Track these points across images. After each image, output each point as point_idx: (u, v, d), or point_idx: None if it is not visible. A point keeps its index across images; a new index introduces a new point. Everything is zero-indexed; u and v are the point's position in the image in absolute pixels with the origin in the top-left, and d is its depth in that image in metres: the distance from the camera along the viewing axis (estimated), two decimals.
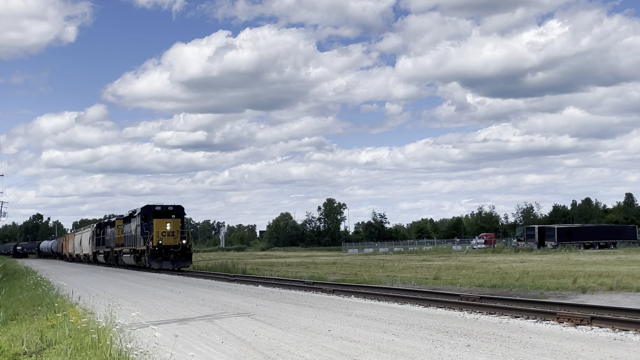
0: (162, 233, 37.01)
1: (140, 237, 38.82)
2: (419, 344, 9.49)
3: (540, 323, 11.79)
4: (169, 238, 37.24)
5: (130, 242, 42.20)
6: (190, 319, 13.32)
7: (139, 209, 39.23)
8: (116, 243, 47.58)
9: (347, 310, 14.11)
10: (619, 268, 29.92)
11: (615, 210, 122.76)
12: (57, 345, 9.09)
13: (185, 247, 37.31)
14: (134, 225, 40.73)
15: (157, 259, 36.62)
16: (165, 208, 38.55)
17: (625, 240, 74.28)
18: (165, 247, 36.85)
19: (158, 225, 37.20)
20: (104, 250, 52.87)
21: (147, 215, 38.06)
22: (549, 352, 8.75)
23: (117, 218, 48.75)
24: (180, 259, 37.16)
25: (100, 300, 16.86)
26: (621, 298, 16.94)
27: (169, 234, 37.30)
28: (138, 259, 39.99)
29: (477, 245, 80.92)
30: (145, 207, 38.76)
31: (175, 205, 39.19)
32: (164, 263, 36.57)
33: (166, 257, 36.74)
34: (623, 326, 10.87)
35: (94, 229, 58.38)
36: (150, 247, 36.73)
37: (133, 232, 41.06)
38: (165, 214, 38.17)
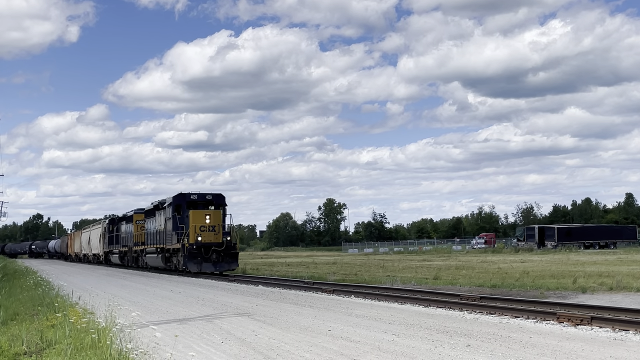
0: (200, 228, 30.59)
1: (171, 234, 32.20)
2: (419, 344, 9.49)
3: (540, 323, 11.79)
4: (209, 234, 30.81)
5: (155, 240, 35.99)
6: (191, 319, 13.32)
7: (170, 199, 32.75)
8: (135, 241, 41.56)
9: (347, 310, 14.11)
10: (619, 268, 29.92)
11: (616, 210, 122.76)
12: (57, 345, 9.09)
13: (230, 245, 30.94)
14: (162, 218, 34.51)
15: (196, 260, 30.17)
16: (202, 197, 32.17)
17: (625, 240, 74.28)
18: (206, 245, 30.41)
19: (195, 218, 30.62)
20: (119, 249, 46.98)
21: (181, 206, 31.79)
22: (549, 352, 8.75)
23: (135, 212, 42.87)
24: (223, 260, 30.68)
25: (100, 300, 16.86)
26: (621, 298, 16.94)
27: (208, 228, 30.80)
28: (168, 260, 33.56)
29: (477, 245, 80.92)
30: (178, 195, 32.27)
31: (215, 194, 32.69)
32: (204, 265, 30.20)
33: (206, 258, 30.27)
34: (623, 326, 10.87)
35: (106, 225, 52.09)
36: (186, 245, 30.27)
37: (160, 227, 34.79)
38: (203, 204, 31.89)
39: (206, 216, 30.85)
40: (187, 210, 31.26)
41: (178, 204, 31.96)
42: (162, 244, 34.17)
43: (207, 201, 32.13)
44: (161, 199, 35.18)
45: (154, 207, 36.82)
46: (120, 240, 47.07)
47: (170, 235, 32.35)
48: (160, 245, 34.51)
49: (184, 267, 30.48)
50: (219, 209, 31.81)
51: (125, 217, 46.15)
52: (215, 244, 30.58)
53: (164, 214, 33.92)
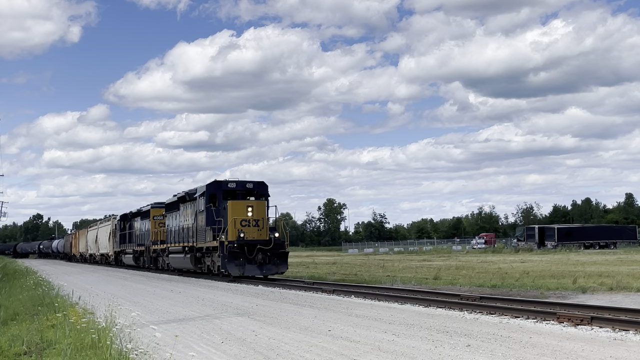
0: (241, 222, 25.72)
1: (204, 229, 27.29)
2: (419, 344, 9.49)
3: (540, 323, 11.79)
4: (252, 230, 25.82)
5: (181, 237, 31.11)
6: (191, 319, 13.32)
7: (202, 188, 27.79)
8: (153, 239, 36.89)
9: (347, 310, 14.11)
10: (619, 268, 29.92)
11: (616, 210, 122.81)
12: (57, 345, 9.09)
13: (278, 243, 25.87)
14: (190, 212, 29.78)
15: (237, 261, 25.18)
16: (242, 185, 27.35)
17: (625, 240, 74.25)
18: (250, 243, 25.40)
19: (235, 210, 25.73)
20: (133, 249, 42.20)
21: (216, 196, 27.01)
22: (549, 352, 8.75)
23: (153, 206, 38.59)
24: (271, 262, 25.59)
25: (100, 300, 16.86)
26: (621, 298, 16.93)
27: (251, 223, 25.88)
28: (198, 260, 28.82)
29: (477, 245, 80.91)
30: (213, 184, 27.32)
31: (256, 182, 27.74)
32: (247, 267, 25.28)
33: (250, 259, 25.33)
34: (623, 326, 10.87)
35: (117, 222, 47.53)
36: (225, 243, 25.25)
37: (187, 222, 30.12)
38: (242, 194, 27.14)
39: (248, 208, 25.93)
40: (224, 201, 26.55)
41: (213, 194, 27.03)
42: (190, 241, 29.28)
43: (247, 190, 27.33)
44: (189, 189, 30.34)
45: (177, 200, 31.91)
46: (134, 239, 42.54)
47: (203, 232, 27.45)
48: (188, 243, 29.52)
49: (222, 269, 25.60)
50: (262, 199, 27.09)
51: (140, 213, 41.72)
52: (261, 241, 25.63)
53: (193, 206, 29.14)
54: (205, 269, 28.54)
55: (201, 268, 28.87)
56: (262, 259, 25.43)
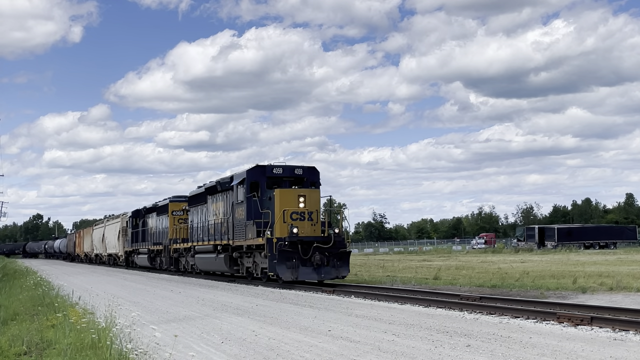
0: (292, 215, 21.52)
1: (245, 224, 22.91)
2: (419, 344, 9.49)
3: (540, 323, 11.79)
4: (305, 224, 21.58)
5: (211, 234, 27.03)
6: (191, 319, 13.32)
7: (242, 174, 23.40)
8: (173, 237, 33.07)
9: (347, 310, 14.11)
10: (619, 268, 29.91)
11: (616, 211, 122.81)
12: (57, 346, 9.09)
13: (338, 240, 21.72)
14: (222, 204, 25.68)
15: (289, 263, 21.02)
16: (290, 171, 23.31)
17: (626, 240, 74.29)
18: (306, 241, 21.21)
19: (284, 201, 21.58)
20: (149, 248, 37.99)
21: (258, 184, 22.89)
22: (549, 352, 8.75)
23: (171, 200, 34.96)
24: (329, 263, 21.39)
25: (100, 300, 16.87)
26: (621, 298, 16.93)
27: (303, 215, 21.63)
28: (234, 261, 24.74)
29: (477, 245, 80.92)
30: (255, 169, 23.12)
31: (307, 167, 23.70)
32: (302, 270, 21.06)
33: (305, 260, 21.11)
34: (623, 326, 10.87)
35: (128, 219, 43.44)
36: (274, 240, 21.07)
37: (218, 216, 26.08)
38: (290, 182, 23.12)
39: (299, 198, 21.62)
40: (269, 190, 22.61)
41: (254, 182, 22.89)
42: (224, 239, 25.05)
43: (296, 177, 23.28)
44: (219, 178, 26.22)
45: (205, 191, 27.94)
46: (149, 237, 38.43)
47: (242, 227, 23.18)
48: (221, 241, 25.38)
49: (270, 272, 21.63)
50: (312, 188, 22.99)
51: (155, 208, 37.87)
52: (319, 238, 21.46)
53: (227, 197, 25.04)
54: (243, 272, 24.37)
55: (238, 270, 24.75)
56: (319, 260, 21.06)
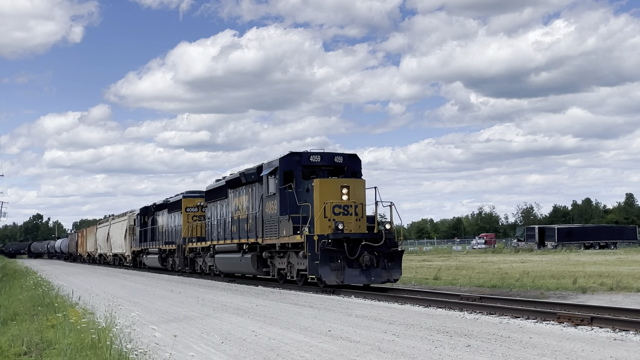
0: (334, 209, 18.97)
1: (278, 220, 20.38)
2: (419, 344, 9.49)
3: (540, 323, 11.79)
4: (349, 220, 19.07)
5: (234, 232, 24.51)
6: (190, 319, 13.32)
7: (275, 162, 20.65)
8: (188, 236, 30.61)
9: (347, 310, 14.11)
10: (619, 268, 29.91)
11: (616, 211, 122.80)
12: (57, 346, 9.09)
13: (389, 238, 19.06)
14: (249, 197, 23.35)
15: (334, 264, 18.29)
16: (329, 158, 20.69)
17: (626, 240, 74.32)
18: (353, 238, 18.61)
19: (325, 193, 19.03)
20: (160, 247, 35.41)
21: (293, 174, 20.35)
22: (549, 352, 8.75)
23: (185, 195, 32.54)
24: (379, 264, 18.74)
25: (100, 300, 16.87)
26: (621, 298, 16.93)
27: (347, 209, 19.12)
28: (264, 262, 22.04)
29: (477, 245, 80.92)
30: (289, 157, 20.51)
31: (348, 154, 21.04)
32: (348, 273, 18.37)
33: (351, 261, 18.42)
34: (623, 326, 10.87)
35: (137, 216, 40.99)
36: (315, 238, 18.42)
37: (244, 211, 23.52)
38: (330, 171, 20.60)
39: (342, 189, 19.06)
40: (306, 180, 20.09)
41: (289, 171, 20.32)
42: (251, 237, 22.46)
43: (336, 166, 20.64)
44: (245, 169, 23.65)
45: (225, 184, 25.53)
46: (160, 236, 36.04)
47: (275, 223, 20.56)
48: (247, 239, 22.78)
49: (311, 274, 18.81)
50: (358, 178, 20.47)
51: (166, 205, 35.37)
52: (368, 236, 18.92)
53: (254, 190, 22.71)
54: (274, 274, 21.79)
55: (267, 272, 22.16)
56: (369, 260, 18.38)
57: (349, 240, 18.63)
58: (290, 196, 20.11)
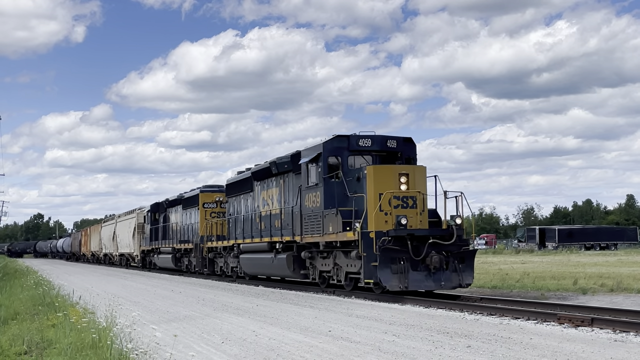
0: (391, 201, 16.31)
1: (321, 215, 17.81)
2: (419, 345, 9.49)
3: (540, 324, 11.79)
4: (409, 213, 16.39)
5: (263, 230, 22.31)
6: (191, 318, 13.32)
7: (316, 148, 18.34)
8: (206, 234, 28.37)
9: (347, 310, 14.11)
10: (619, 269, 29.90)
11: (616, 212, 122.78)
12: (57, 345, 9.10)
13: (459, 235, 16.47)
14: (281, 189, 21.13)
15: (396, 266, 15.60)
16: (381, 142, 18.18)
17: (626, 241, 74.31)
18: (418, 236, 16.08)
19: (380, 181, 16.48)
20: (173, 246, 33.01)
21: (339, 160, 17.88)
22: (550, 353, 8.74)
23: (202, 190, 30.25)
24: (449, 266, 16.13)
25: (100, 300, 16.87)
26: (622, 299, 16.92)
27: (406, 201, 16.49)
28: (302, 264, 19.58)
29: (477, 246, 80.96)
30: (334, 142, 17.99)
31: (402, 138, 18.56)
32: (413, 276, 15.65)
33: (416, 262, 15.79)
34: (624, 327, 10.86)
35: (147, 213, 38.80)
36: (371, 235, 15.74)
37: (277, 205, 21.29)
38: (382, 157, 18.24)
39: (401, 178, 16.51)
40: (357, 169, 17.63)
41: (334, 156, 17.87)
42: (285, 234, 20.20)
43: (389, 152, 18.28)
44: (276, 158, 21.23)
45: (251, 176, 23.43)
46: (173, 234, 33.74)
47: (318, 218, 18.06)
48: (282, 237, 20.39)
49: (367, 278, 15.96)
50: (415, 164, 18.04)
51: (180, 200, 33.02)
52: (436, 232, 16.44)
53: (288, 181, 20.57)
54: (315, 277, 19.30)
55: (306, 275, 19.77)
56: (438, 262, 15.79)
57: (413, 238, 15.98)
58: (338, 186, 17.58)
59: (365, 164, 17.77)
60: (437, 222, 17.15)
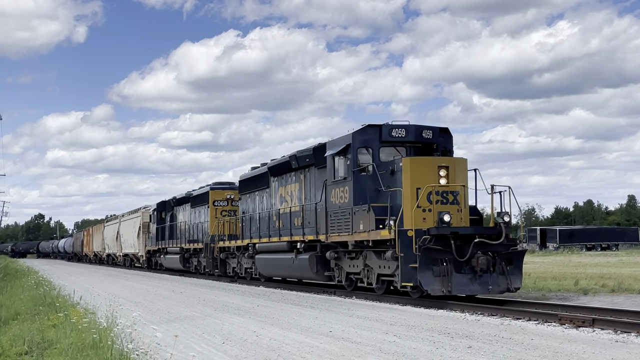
0: (430, 197, 15.12)
1: (353, 212, 16.36)
2: (420, 346, 9.48)
3: (541, 325, 11.77)
4: (451, 209, 15.18)
5: (280, 229, 21.28)
6: (192, 319, 13.32)
7: (344, 139, 17.07)
8: (217, 234, 27.17)
9: (348, 311, 14.10)
10: (620, 270, 29.88)
11: (618, 212, 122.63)
12: (58, 345, 9.09)
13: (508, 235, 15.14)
14: (301, 185, 20.00)
15: (437, 268, 14.35)
16: (417, 133, 16.86)
17: (627, 242, 74.25)
18: (460, 234, 14.78)
19: (417, 175, 15.27)
20: (181, 247, 31.93)
21: (370, 152, 16.69)
22: (551, 353, 8.73)
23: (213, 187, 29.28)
24: (496, 268, 14.75)
25: (101, 300, 16.87)
26: (623, 300, 16.91)
27: (445, 197, 15.30)
28: (325, 265, 18.40)
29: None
30: (365, 131, 16.80)
31: (438, 129, 17.33)
32: (457, 279, 14.38)
33: (460, 264, 14.47)
34: (625, 328, 10.84)
35: (152, 212, 37.62)
36: (410, 234, 14.46)
37: (297, 202, 20.17)
38: (417, 148, 17.05)
39: (440, 170, 15.33)
40: (392, 161, 16.16)
41: (364, 148, 16.74)
42: (308, 233, 18.96)
43: (424, 143, 17.04)
44: (297, 151, 20.09)
45: (268, 171, 22.42)
46: (181, 234, 32.63)
47: (347, 215, 16.64)
48: (303, 236, 19.17)
49: (405, 281, 14.68)
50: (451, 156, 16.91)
51: (189, 198, 31.99)
52: (482, 231, 15.20)
53: (310, 176, 19.45)
54: (341, 279, 18.06)
55: (330, 277, 18.54)
56: (485, 263, 14.44)
57: (456, 237, 14.67)
58: (370, 181, 16.24)
59: (398, 156, 16.51)
60: (478, 220, 16.15)
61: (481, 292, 14.90)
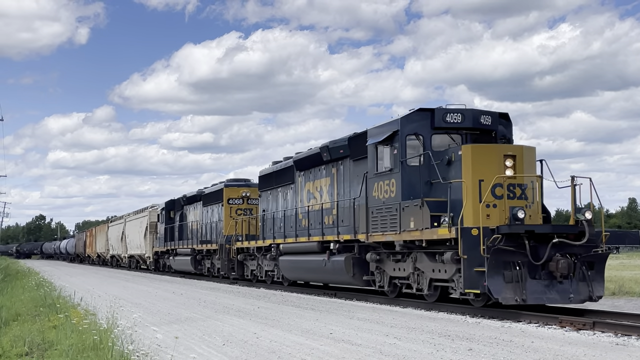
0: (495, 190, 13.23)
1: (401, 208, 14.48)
2: (420, 348, 9.48)
3: (542, 327, 11.77)
4: (519, 204, 13.26)
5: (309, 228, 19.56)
6: (192, 320, 13.32)
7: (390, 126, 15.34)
8: (233, 234, 25.39)
9: (349, 313, 14.10)
10: (621, 273, 29.86)
11: (619, 215, 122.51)
12: (58, 346, 9.10)
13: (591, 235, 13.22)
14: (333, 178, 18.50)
15: (509, 272, 12.45)
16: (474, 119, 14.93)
17: (628, 245, 73.84)
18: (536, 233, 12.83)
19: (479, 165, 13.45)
20: (192, 248, 30.02)
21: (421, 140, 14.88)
22: (551, 356, 8.73)
23: (227, 184, 27.86)
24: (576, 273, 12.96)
25: (102, 301, 16.87)
26: (623, 303, 16.91)
27: (513, 191, 13.37)
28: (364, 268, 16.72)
29: None
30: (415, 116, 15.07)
31: (498, 114, 15.36)
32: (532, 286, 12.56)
33: (535, 268, 12.62)
34: (625, 331, 10.84)
35: (160, 211, 35.81)
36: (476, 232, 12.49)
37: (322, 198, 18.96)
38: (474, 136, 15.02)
39: (506, 160, 13.45)
40: (440, 151, 14.55)
41: (414, 135, 14.97)
42: (344, 232, 17.36)
43: (483, 130, 15.12)
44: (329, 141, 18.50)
45: (293, 165, 20.94)
46: (192, 234, 30.98)
47: (393, 211, 14.83)
48: (337, 235, 17.51)
49: (469, 288, 12.86)
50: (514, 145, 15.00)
51: (200, 196, 30.32)
52: (563, 230, 13.48)
53: (343, 169, 17.97)
54: (383, 284, 16.12)
55: (369, 282, 16.82)
56: (565, 268, 12.69)
57: (532, 237, 12.79)
58: (421, 172, 14.57)
59: (453, 144, 14.74)
60: (546, 218, 14.44)
61: (561, 302, 13.02)
